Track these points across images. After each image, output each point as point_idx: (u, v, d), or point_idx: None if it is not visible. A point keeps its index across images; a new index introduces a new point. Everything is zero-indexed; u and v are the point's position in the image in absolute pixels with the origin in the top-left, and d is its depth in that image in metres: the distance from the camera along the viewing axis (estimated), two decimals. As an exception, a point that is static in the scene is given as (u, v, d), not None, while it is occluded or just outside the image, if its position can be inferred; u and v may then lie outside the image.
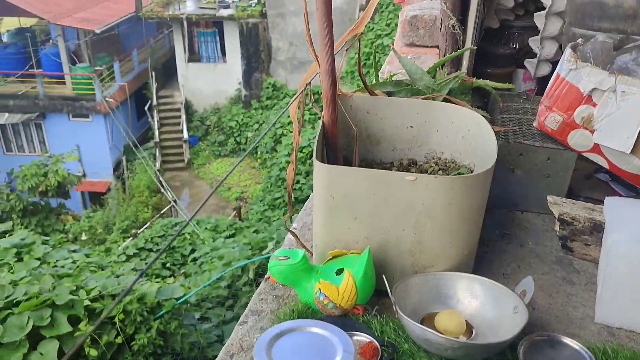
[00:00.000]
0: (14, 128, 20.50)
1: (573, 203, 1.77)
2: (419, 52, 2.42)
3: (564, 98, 1.80)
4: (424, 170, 1.69)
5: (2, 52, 20.07)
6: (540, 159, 1.87)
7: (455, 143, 1.66)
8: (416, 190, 1.35)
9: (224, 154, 20.15)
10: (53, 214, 17.62)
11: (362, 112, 1.70)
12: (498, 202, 1.95)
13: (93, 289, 4.32)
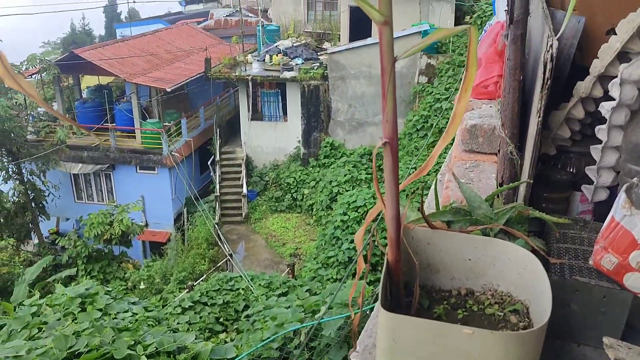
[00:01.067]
0: (85, 178, 21.72)
1: (629, 347, 1.75)
2: (478, 160, 2.49)
3: (619, 241, 1.82)
4: (480, 301, 1.75)
5: (82, 107, 21.54)
6: (596, 296, 1.88)
7: (511, 278, 1.72)
8: (473, 342, 1.42)
9: (280, 210, 20.49)
10: (115, 262, 18.32)
11: (423, 244, 1.79)
12: (553, 333, 1.95)
13: (150, 344, 4.48)
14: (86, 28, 59.68)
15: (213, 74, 20.86)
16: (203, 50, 22.28)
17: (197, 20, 34.06)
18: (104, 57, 20.21)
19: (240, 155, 21.54)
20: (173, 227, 21.05)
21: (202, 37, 27.52)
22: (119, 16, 51.01)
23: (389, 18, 0.93)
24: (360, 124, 20.33)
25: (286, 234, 19.20)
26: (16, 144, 18.75)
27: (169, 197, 20.89)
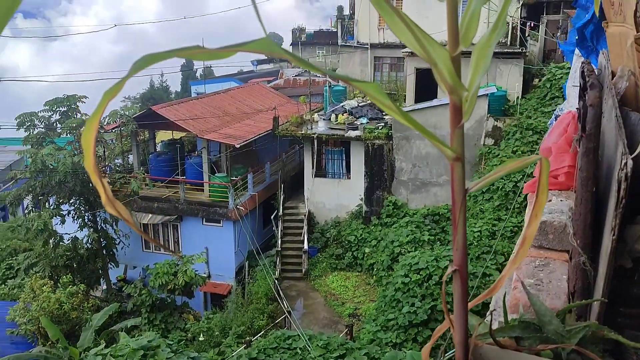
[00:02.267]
0: (154, 228, 22.52)
1: None
2: (548, 257, 2.44)
3: None
4: None
5: (155, 160, 22.61)
6: None
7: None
8: None
9: (340, 268, 20.38)
10: (177, 312, 18.65)
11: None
12: None
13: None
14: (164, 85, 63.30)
15: (280, 132, 21.49)
16: (272, 109, 23.08)
17: (268, 79, 35.47)
18: (179, 114, 21.29)
19: (303, 211, 21.78)
20: (234, 280, 21.32)
21: (272, 95, 28.56)
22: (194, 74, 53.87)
23: (460, 155, 0.98)
24: (424, 184, 20.21)
25: (345, 293, 19.00)
26: (93, 194, 19.80)
27: (232, 249, 21.27)
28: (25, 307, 15.24)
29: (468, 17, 0.91)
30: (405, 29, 0.86)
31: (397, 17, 0.85)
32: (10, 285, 20.90)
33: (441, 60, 0.89)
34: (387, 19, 0.86)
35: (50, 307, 15.09)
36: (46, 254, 19.32)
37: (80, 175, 18.85)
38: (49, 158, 18.66)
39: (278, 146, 24.14)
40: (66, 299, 15.67)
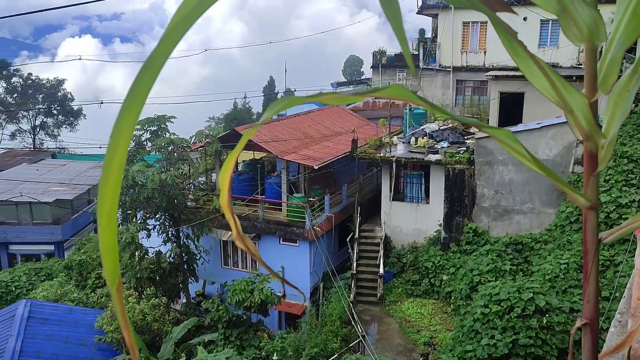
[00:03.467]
0: (233, 245, 23.09)
1: None
2: None
3: None
4: None
5: (237, 179, 23.27)
6: None
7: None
8: None
9: (416, 294, 19.96)
10: (252, 329, 18.94)
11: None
12: None
13: None
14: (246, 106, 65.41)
15: (359, 154, 21.53)
16: (351, 132, 23.20)
17: (347, 102, 35.66)
18: (261, 136, 21.86)
19: (379, 235, 21.59)
20: (309, 300, 21.39)
21: (351, 118, 28.75)
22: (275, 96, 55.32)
23: (595, 203, 0.93)
24: (506, 212, 19.49)
25: (421, 320, 18.55)
26: (178, 210, 20.62)
27: (308, 270, 21.39)
28: (112, 316, 16.00)
29: (607, 62, 0.86)
30: (540, 74, 0.83)
31: (532, 63, 0.81)
32: (99, 294, 22.06)
33: (578, 107, 0.85)
34: (521, 64, 0.83)
35: (135, 317, 15.75)
36: (132, 266, 20.26)
37: (166, 192, 19.70)
38: (138, 175, 19.65)
39: (356, 168, 24.18)
40: (149, 311, 16.32)
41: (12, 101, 65.76)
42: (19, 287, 26.88)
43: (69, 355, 14.62)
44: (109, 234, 0.81)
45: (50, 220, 35.40)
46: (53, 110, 66.98)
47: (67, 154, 56.80)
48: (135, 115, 0.80)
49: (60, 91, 69.03)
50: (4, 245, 34.71)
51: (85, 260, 27.17)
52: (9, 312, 16.32)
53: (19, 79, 67.10)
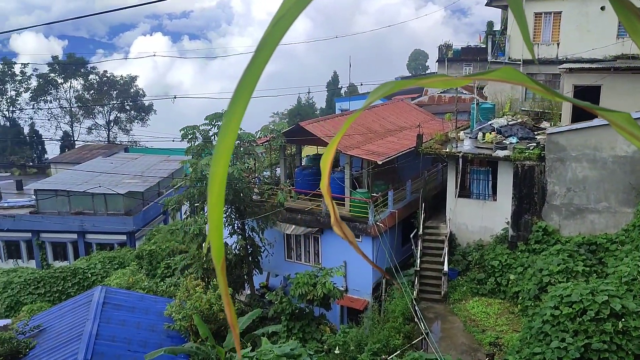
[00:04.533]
0: (296, 239, 23.36)
1: None
2: None
3: None
4: None
5: (301, 174, 23.49)
6: None
7: None
8: None
9: (481, 293, 19.48)
10: (314, 322, 19.09)
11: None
12: None
13: None
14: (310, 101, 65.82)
15: (424, 149, 21.20)
16: (416, 127, 22.88)
17: (412, 96, 35.29)
18: (325, 130, 21.94)
19: (444, 232, 21.21)
20: (371, 296, 21.33)
21: (416, 112, 28.36)
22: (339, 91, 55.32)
23: None
24: (579, 210, 18.66)
25: (487, 320, 18.10)
26: (244, 203, 21.05)
27: (370, 266, 21.28)
28: (180, 305, 16.56)
29: None
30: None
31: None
32: (167, 283, 22.91)
33: None
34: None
35: (202, 307, 16.23)
36: (199, 257, 20.87)
37: (233, 186, 20.13)
38: (206, 168, 20.18)
39: (420, 164, 23.83)
40: (215, 301, 16.75)
41: (89, 97, 69.18)
42: (94, 274, 28.32)
43: (140, 340, 15.26)
44: (216, 214, 0.83)
45: (122, 211, 37.04)
46: (126, 106, 69.92)
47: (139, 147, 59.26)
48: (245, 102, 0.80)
49: (132, 87, 72.02)
50: (82, 234, 36.64)
51: (155, 251, 28.26)
52: (86, 297, 17.22)
53: (96, 76, 70.53)
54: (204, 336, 15.27)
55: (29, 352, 14.80)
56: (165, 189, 40.49)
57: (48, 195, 37.38)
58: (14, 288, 27.11)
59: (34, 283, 27.18)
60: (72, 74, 68.33)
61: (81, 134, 69.38)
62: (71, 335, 14.81)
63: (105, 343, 14.28)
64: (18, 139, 64.16)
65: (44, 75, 67.84)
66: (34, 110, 67.30)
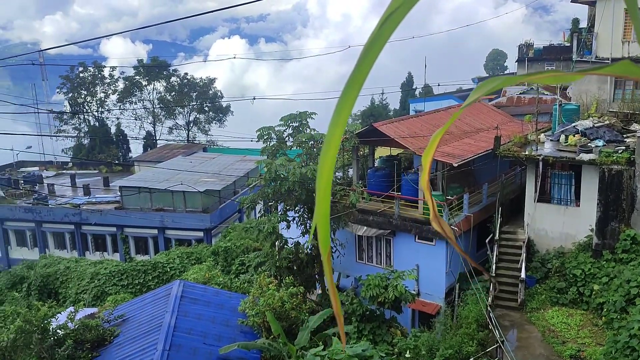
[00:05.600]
0: (368, 240, 23.28)
1: None
2: None
3: None
4: None
5: (373, 175, 23.40)
6: None
7: None
8: None
9: (562, 303, 18.62)
10: (385, 325, 18.96)
11: None
12: None
13: None
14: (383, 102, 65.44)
15: (501, 152, 20.54)
16: (493, 128, 22.21)
17: (489, 97, 34.30)
18: (399, 132, 21.74)
19: (522, 237, 20.45)
20: (444, 300, 20.91)
21: (493, 114, 27.53)
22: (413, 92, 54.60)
23: None
24: (672, 219, 17.44)
25: (567, 331, 17.27)
26: (316, 203, 21.22)
27: (443, 270, 20.91)
28: (253, 301, 16.92)
29: None
30: None
31: None
32: (242, 280, 23.49)
33: None
34: None
35: (274, 304, 16.49)
36: (272, 255, 21.25)
37: (306, 186, 20.36)
38: (280, 168, 20.53)
39: (498, 167, 23.12)
40: (287, 299, 16.98)
41: (170, 99, 72.22)
42: (173, 268, 29.50)
43: (215, 334, 15.73)
44: (323, 205, 0.84)
45: (200, 208, 38.39)
46: (205, 107, 72.39)
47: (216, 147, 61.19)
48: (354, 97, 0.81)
49: (211, 89, 74.48)
50: (162, 230, 38.29)
51: (230, 248, 29.07)
52: (165, 291, 17.96)
53: (177, 78, 73.52)
54: (276, 333, 15.52)
55: (113, 339, 15.63)
56: (240, 188, 41.60)
57: (132, 192, 39.37)
58: (100, 279, 28.73)
59: (118, 275, 28.68)
60: (155, 76, 71.60)
61: (162, 134, 72.58)
62: (151, 326, 15.50)
63: (182, 335, 14.84)
64: (106, 139, 67.97)
65: (129, 78, 71.54)
66: (120, 111, 71.12)
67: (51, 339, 14.34)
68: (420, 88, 53.13)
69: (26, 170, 56.57)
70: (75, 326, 15.07)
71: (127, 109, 71.24)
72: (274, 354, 15.02)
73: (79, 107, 71.16)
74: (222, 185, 39.91)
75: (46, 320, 14.35)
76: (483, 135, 23.83)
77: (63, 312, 16.63)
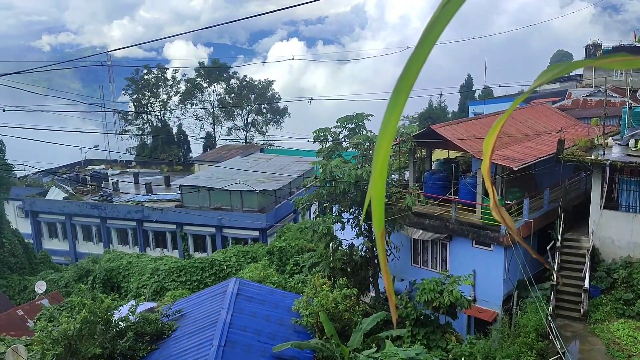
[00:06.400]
0: (423, 244, 22.97)
1: None
2: None
3: None
4: None
5: (430, 178, 23.08)
6: None
7: None
8: None
9: (629, 315, 17.74)
10: (439, 330, 18.63)
11: None
12: None
13: None
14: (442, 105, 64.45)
15: (565, 156, 19.80)
16: (557, 132, 21.45)
17: (553, 100, 33.18)
18: (457, 134, 21.34)
19: (586, 245, 19.64)
20: (501, 308, 20.36)
21: (557, 117, 26.60)
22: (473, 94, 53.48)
23: None
24: None
25: (634, 345, 16.43)
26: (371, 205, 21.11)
27: (501, 276, 20.36)
28: (307, 301, 17.01)
29: None
30: None
31: None
32: (296, 280, 23.69)
33: None
34: None
35: (328, 305, 16.52)
36: (327, 256, 21.31)
37: (361, 187, 20.30)
38: (336, 169, 20.57)
39: (561, 171, 22.30)
40: (341, 300, 16.98)
41: (229, 100, 73.79)
42: (229, 266, 30.11)
43: (269, 332, 15.92)
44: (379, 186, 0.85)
45: (257, 208, 38.98)
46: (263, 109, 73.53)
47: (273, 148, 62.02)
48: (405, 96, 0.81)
49: (269, 91, 75.56)
50: (219, 229, 39.14)
51: (285, 247, 29.36)
52: (221, 288, 18.33)
53: (236, 80, 75.05)
54: (329, 334, 15.55)
55: (171, 333, 16.09)
56: (296, 189, 41.97)
57: (191, 191, 40.46)
58: (160, 274, 29.67)
59: (177, 271, 29.53)
60: (215, 78, 73.36)
61: (222, 135, 74.24)
62: (207, 322, 15.85)
63: (237, 332, 15.10)
64: (167, 139, 70.18)
65: (191, 80, 73.61)
66: (182, 112, 73.28)
67: (114, 330, 14.91)
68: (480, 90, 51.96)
69: (93, 168, 59.25)
70: (136, 319, 15.61)
71: (188, 110, 73.32)
72: (327, 354, 15.05)
73: (142, 107, 73.83)
74: (278, 185, 40.41)
75: (109, 312, 14.93)
76: (545, 139, 23.06)
77: (125, 305, 17.28)
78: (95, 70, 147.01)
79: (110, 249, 40.20)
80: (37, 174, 50.24)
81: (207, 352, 13.68)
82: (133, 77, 73.34)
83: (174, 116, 74.98)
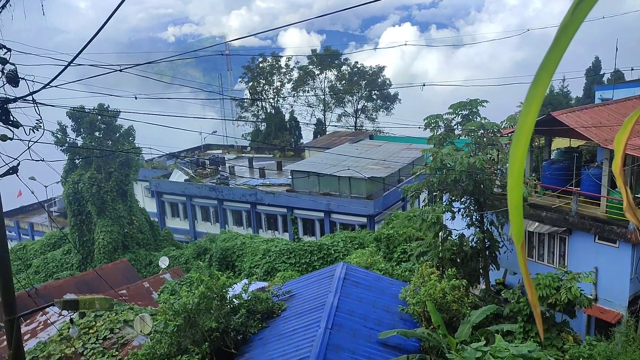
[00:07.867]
0: (539, 237, 21.81)
1: None
2: None
3: None
4: None
5: (548, 168, 21.81)
6: None
7: None
8: None
9: None
10: (555, 329, 17.66)
11: None
12: None
13: None
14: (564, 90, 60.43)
15: None
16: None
17: (695, 83, 29.87)
18: (581, 121, 19.94)
19: None
20: (626, 309, 18.87)
21: (700, 102, 23.91)
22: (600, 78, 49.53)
23: None
24: None
25: None
26: (484, 195, 20.41)
27: (628, 275, 18.84)
28: (414, 290, 16.87)
29: None
30: None
31: None
32: (403, 268, 23.55)
33: None
34: None
35: (435, 295, 16.26)
36: (435, 246, 20.93)
37: (473, 176, 19.66)
38: (447, 157, 20.06)
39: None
40: (449, 290, 16.63)
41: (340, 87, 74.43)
42: (337, 251, 30.59)
43: (375, 318, 16.00)
44: (516, 192, 0.82)
45: (365, 195, 39.14)
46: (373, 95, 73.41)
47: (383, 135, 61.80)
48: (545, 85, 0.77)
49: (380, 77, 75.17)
50: (328, 214, 39.84)
51: (393, 235, 29.26)
52: (329, 271, 18.69)
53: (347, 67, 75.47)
54: (436, 324, 15.32)
55: (280, 313, 16.72)
56: (405, 176, 41.55)
57: (302, 176, 41.49)
58: (271, 255, 30.86)
59: (287, 253, 30.53)
60: (327, 65, 74.27)
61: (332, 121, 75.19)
62: (315, 304, 16.26)
63: (344, 316, 15.34)
64: (280, 125, 72.36)
65: (303, 67, 75.14)
66: (294, 99, 75.13)
67: (228, 306, 15.77)
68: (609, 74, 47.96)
69: (211, 153, 62.63)
70: (248, 297, 16.40)
71: (300, 97, 75.01)
72: (433, 344, 14.85)
73: (257, 95, 76.66)
74: (387, 172, 40.23)
75: (224, 289, 15.81)
76: (685, 127, 20.84)
77: (238, 283, 18.20)
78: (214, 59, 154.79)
79: (226, 229, 42.46)
80: (162, 157, 54.12)
81: (315, 334, 14.04)
82: (249, 65, 76.29)
83: (287, 103, 77.05)
